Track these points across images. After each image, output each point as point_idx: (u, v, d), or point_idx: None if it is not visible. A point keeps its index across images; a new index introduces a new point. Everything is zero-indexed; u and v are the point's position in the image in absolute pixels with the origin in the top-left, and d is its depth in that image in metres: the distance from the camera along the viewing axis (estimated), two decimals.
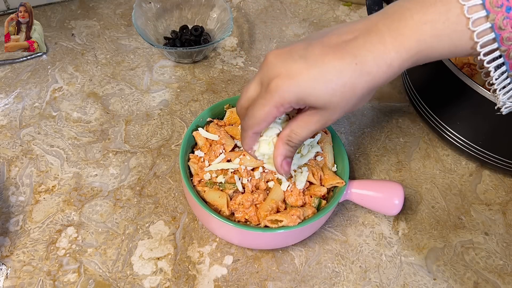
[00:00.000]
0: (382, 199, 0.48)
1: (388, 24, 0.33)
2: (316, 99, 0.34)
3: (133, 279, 0.45)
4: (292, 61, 0.34)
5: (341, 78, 0.33)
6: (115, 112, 0.60)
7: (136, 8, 0.64)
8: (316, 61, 0.33)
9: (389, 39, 0.32)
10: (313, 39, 0.35)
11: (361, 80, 0.33)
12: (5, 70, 0.63)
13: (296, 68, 0.33)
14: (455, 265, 0.49)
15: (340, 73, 0.33)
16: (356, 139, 0.60)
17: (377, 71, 0.33)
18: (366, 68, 0.33)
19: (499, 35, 0.31)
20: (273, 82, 0.34)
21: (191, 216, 0.50)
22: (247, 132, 0.39)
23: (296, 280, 0.46)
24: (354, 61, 0.33)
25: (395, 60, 0.33)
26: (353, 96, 0.34)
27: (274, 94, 0.34)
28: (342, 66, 0.33)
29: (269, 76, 0.35)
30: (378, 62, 0.33)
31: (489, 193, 0.55)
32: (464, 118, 0.53)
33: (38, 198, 0.51)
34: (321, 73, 0.33)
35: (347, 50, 0.33)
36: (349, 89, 0.33)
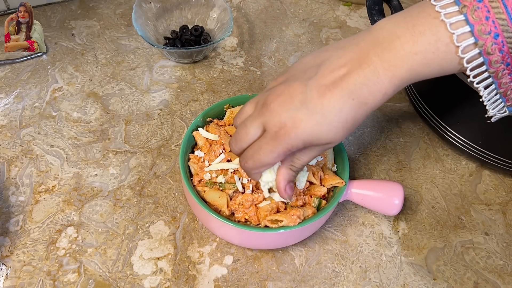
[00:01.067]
0: (382, 199, 0.48)
1: (379, 54, 0.34)
2: (322, 140, 0.36)
3: (133, 279, 0.45)
4: (296, 109, 0.35)
5: (342, 116, 0.35)
6: (115, 112, 0.60)
7: (136, 8, 0.64)
8: (316, 105, 0.35)
9: (382, 70, 0.34)
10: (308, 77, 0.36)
11: (359, 111, 0.35)
12: (5, 70, 0.63)
13: (300, 116, 0.35)
14: (455, 265, 0.49)
15: (340, 112, 0.35)
16: (356, 139, 0.60)
17: (373, 100, 0.35)
18: (363, 100, 0.35)
19: (487, 59, 0.32)
20: (281, 130, 0.36)
21: (191, 216, 0.50)
22: (252, 172, 0.40)
23: (296, 280, 0.46)
24: (351, 97, 0.34)
25: (389, 88, 0.34)
26: (353, 126, 0.36)
27: (282, 142, 0.36)
28: (341, 105, 0.34)
29: (275, 124, 0.36)
30: (373, 93, 0.34)
31: (489, 193, 0.55)
32: (464, 118, 0.53)
33: (38, 198, 0.51)
34: (323, 117, 0.35)
35: (342, 87, 0.34)
36: (350, 123, 0.35)
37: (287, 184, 0.41)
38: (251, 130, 0.38)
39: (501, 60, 0.32)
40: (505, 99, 0.35)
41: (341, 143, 0.49)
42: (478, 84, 0.34)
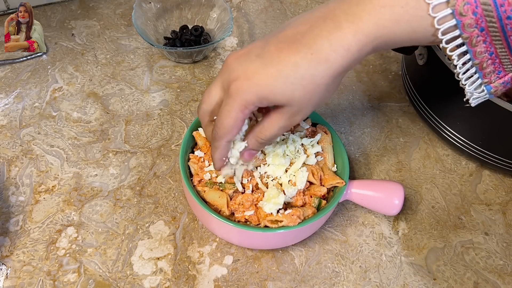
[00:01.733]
0: (382, 199, 0.48)
1: (345, 9, 0.32)
2: (278, 96, 0.34)
3: (133, 279, 0.45)
4: (250, 61, 0.34)
5: (299, 72, 0.32)
6: (115, 112, 0.60)
7: (136, 8, 0.64)
8: (272, 58, 0.33)
9: (346, 23, 0.32)
10: (271, 35, 0.35)
11: (319, 69, 0.32)
12: (5, 70, 0.63)
13: (253, 68, 0.33)
14: (455, 265, 0.49)
15: (296, 66, 0.32)
16: (356, 139, 0.60)
17: (334, 57, 0.32)
18: (322, 56, 0.32)
19: (460, 21, 0.30)
20: (233, 85, 0.34)
21: (191, 216, 0.50)
22: (220, 142, 0.38)
23: (296, 280, 0.46)
24: (310, 51, 0.32)
25: (353, 44, 0.32)
26: (315, 88, 0.33)
27: (236, 97, 0.34)
28: (297, 59, 0.32)
29: (229, 79, 0.35)
30: (335, 47, 0.32)
31: (489, 193, 0.55)
32: (464, 118, 0.53)
33: (38, 198, 0.51)
34: (278, 70, 0.33)
35: (302, 42, 0.32)
36: (309, 81, 0.33)
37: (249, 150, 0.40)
38: (212, 90, 0.37)
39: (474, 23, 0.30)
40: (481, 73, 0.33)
41: (341, 143, 0.49)
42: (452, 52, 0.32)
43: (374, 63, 0.69)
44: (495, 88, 0.34)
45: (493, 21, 0.29)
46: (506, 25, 0.29)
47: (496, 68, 0.32)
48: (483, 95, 0.35)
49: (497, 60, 0.32)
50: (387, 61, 0.70)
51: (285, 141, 0.48)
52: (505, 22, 0.29)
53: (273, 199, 0.43)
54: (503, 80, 0.33)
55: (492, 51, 0.31)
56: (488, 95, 0.34)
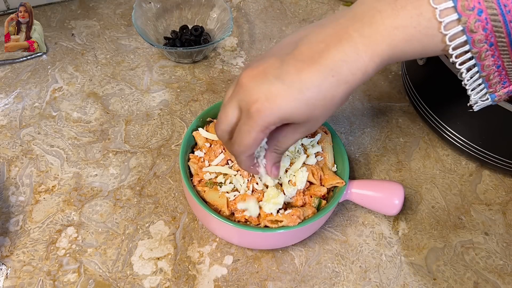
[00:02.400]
0: (382, 199, 0.48)
1: (359, 29, 0.32)
2: (299, 117, 0.34)
3: (133, 279, 0.45)
4: (269, 83, 0.33)
5: (320, 93, 0.33)
6: (115, 112, 0.60)
7: (136, 8, 0.64)
8: (293, 80, 0.33)
9: (362, 46, 0.32)
10: (285, 53, 0.35)
11: (339, 90, 0.33)
12: (5, 70, 0.63)
13: (275, 91, 0.33)
14: (455, 265, 0.49)
15: (319, 88, 0.33)
16: (356, 139, 0.60)
17: (353, 79, 0.33)
18: (342, 78, 0.33)
19: (470, 37, 0.31)
20: (254, 107, 0.34)
21: (191, 216, 0.50)
22: (241, 157, 0.39)
23: (296, 280, 0.46)
24: (331, 73, 0.33)
25: (369, 66, 0.33)
26: (333, 105, 0.35)
27: (258, 120, 0.34)
28: (319, 81, 0.33)
29: (247, 101, 0.34)
30: (353, 70, 0.33)
31: (489, 193, 0.55)
32: (464, 118, 0.53)
33: (38, 198, 0.51)
34: (300, 93, 0.33)
35: (321, 63, 0.33)
36: (329, 101, 0.34)
37: (273, 166, 0.41)
38: (229, 112, 0.37)
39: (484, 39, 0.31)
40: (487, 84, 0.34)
41: (341, 143, 0.49)
42: (461, 66, 0.33)
43: None
44: (498, 97, 0.35)
45: (502, 36, 0.30)
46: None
47: (502, 79, 0.34)
48: (487, 102, 0.36)
49: (503, 72, 0.33)
50: None
51: None
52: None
53: (273, 199, 0.43)
54: (508, 89, 0.34)
55: (500, 64, 0.32)
56: (492, 102, 0.36)
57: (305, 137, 0.49)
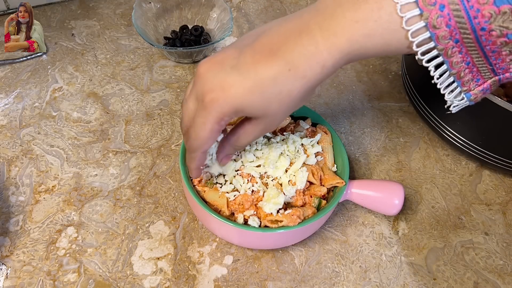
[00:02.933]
0: (382, 199, 0.48)
1: (319, 22, 0.32)
2: (254, 110, 0.34)
3: (133, 279, 0.45)
4: (225, 73, 0.33)
5: (276, 87, 0.33)
6: (115, 112, 0.60)
7: (136, 8, 0.64)
8: (249, 70, 0.32)
9: (321, 39, 0.32)
10: (245, 44, 0.34)
11: (296, 85, 0.33)
12: (5, 70, 0.63)
13: (229, 80, 0.33)
14: (455, 265, 0.49)
15: (274, 81, 0.32)
16: (356, 139, 0.60)
17: (311, 74, 0.32)
18: (299, 72, 0.32)
19: (434, 34, 0.30)
20: (207, 97, 0.33)
21: (191, 216, 0.50)
22: (196, 153, 0.38)
23: (296, 280, 0.46)
24: (287, 67, 0.32)
25: (328, 60, 0.32)
26: (290, 101, 0.34)
27: (211, 110, 0.33)
28: (275, 74, 0.32)
29: (202, 91, 0.34)
30: (311, 64, 0.32)
31: (489, 193, 0.55)
32: (464, 118, 0.53)
33: (38, 198, 0.51)
34: (255, 84, 0.32)
35: (278, 55, 0.32)
36: (285, 95, 0.33)
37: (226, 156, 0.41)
38: (189, 105, 0.36)
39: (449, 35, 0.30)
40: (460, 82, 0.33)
41: (341, 143, 0.49)
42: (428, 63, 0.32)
43: (374, 63, 0.69)
44: (474, 95, 0.34)
45: (467, 32, 0.29)
46: (481, 36, 0.29)
47: (474, 76, 0.33)
48: (463, 102, 0.35)
49: (474, 68, 0.32)
50: (387, 61, 0.70)
51: (285, 141, 0.48)
52: (479, 33, 0.29)
53: (273, 199, 0.43)
54: (482, 87, 0.33)
55: (469, 60, 0.31)
56: (468, 102, 0.35)
57: (305, 137, 0.50)
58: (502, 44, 0.29)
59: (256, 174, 0.45)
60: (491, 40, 0.29)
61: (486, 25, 0.28)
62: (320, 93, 0.64)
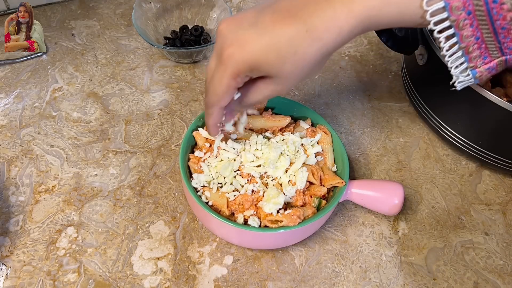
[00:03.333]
0: (382, 199, 0.48)
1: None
2: (268, 67, 0.34)
3: (133, 279, 0.45)
4: (243, 29, 0.34)
5: (292, 47, 0.33)
6: (115, 112, 0.60)
7: (136, 8, 0.64)
8: (267, 28, 0.33)
9: (339, 4, 0.33)
10: (264, 6, 0.35)
11: (312, 47, 0.33)
12: (5, 70, 0.63)
13: (247, 36, 0.34)
14: (455, 265, 0.49)
15: (290, 40, 0.33)
16: (356, 139, 0.60)
17: (327, 37, 0.33)
18: (316, 34, 0.33)
19: (448, 3, 0.31)
20: (225, 52, 0.34)
21: (191, 216, 0.50)
22: (213, 109, 0.39)
23: (296, 280, 0.46)
24: (305, 27, 0.33)
25: (345, 25, 0.33)
26: (305, 64, 0.34)
27: (228, 65, 0.35)
28: (292, 33, 0.33)
29: (222, 47, 0.35)
30: (328, 27, 0.33)
31: (489, 193, 0.55)
32: (464, 118, 0.53)
33: (38, 198, 0.51)
34: (272, 41, 0.33)
35: (297, 17, 0.33)
36: (300, 56, 0.34)
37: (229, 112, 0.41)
38: (211, 62, 0.37)
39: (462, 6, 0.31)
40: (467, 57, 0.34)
41: (341, 143, 0.49)
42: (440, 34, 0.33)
43: (374, 63, 0.69)
44: (480, 73, 0.35)
45: (480, 4, 0.30)
46: (492, 9, 0.30)
47: (482, 53, 0.34)
48: (468, 79, 0.36)
49: (483, 45, 0.33)
50: (387, 61, 0.70)
51: (285, 141, 0.48)
52: (491, 6, 0.30)
53: (273, 199, 0.43)
54: (489, 65, 0.34)
55: (479, 35, 0.32)
56: (474, 79, 0.36)
57: (305, 137, 0.50)
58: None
59: (256, 174, 0.45)
60: (502, 14, 0.30)
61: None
62: (320, 93, 0.64)
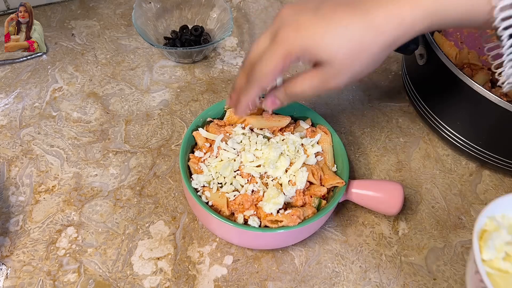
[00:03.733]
0: (382, 199, 0.48)
1: None
2: (322, 51, 0.34)
3: (133, 279, 0.45)
4: (303, 15, 0.34)
5: (347, 33, 0.33)
6: (115, 112, 0.60)
7: (136, 8, 0.64)
8: (326, 14, 0.33)
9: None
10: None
11: (368, 35, 0.33)
12: (5, 70, 0.63)
13: (304, 20, 0.34)
14: (455, 265, 0.49)
15: (346, 28, 0.33)
16: (356, 139, 0.60)
17: (386, 27, 0.32)
18: (375, 23, 0.32)
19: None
20: (281, 32, 0.34)
21: (191, 216, 0.50)
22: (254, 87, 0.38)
23: (296, 280, 0.46)
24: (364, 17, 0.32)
25: (408, 16, 0.32)
26: (360, 53, 0.33)
27: (281, 45, 0.34)
28: (349, 21, 0.33)
29: (279, 27, 0.35)
30: (389, 16, 0.32)
31: (489, 193, 0.55)
32: (464, 118, 0.53)
33: (38, 198, 0.51)
34: (328, 26, 0.33)
35: (358, 7, 0.33)
36: (355, 43, 0.33)
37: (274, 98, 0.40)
38: (261, 40, 0.37)
39: None
40: None
41: (341, 143, 0.49)
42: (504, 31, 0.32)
43: None
44: None
45: None
46: None
47: None
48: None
49: None
50: (387, 61, 0.70)
51: (285, 141, 0.48)
52: None
53: (273, 199, 0.43)
54: None
55: None
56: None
57: (305, 137, 0.50)
58: None
59: (256, 174, 0.45)
60: None
61: None
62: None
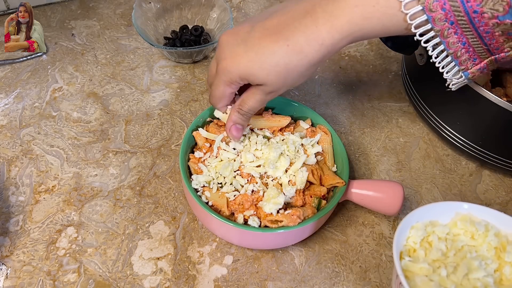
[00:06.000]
0: (382, 199, 0.48)
1: (324, 5, 0.36)
2: (255, 78, 0.39)
3: (133, 279, 0.45)
4: (236, 45, 0.39)
5: (274, 59, 0.37)
6: (115, 112, 0.60)
7: (136, 8, 0.64)
8: (254, 45, 0.38)
9: (322, 20, 0.35)
10: (258, 20, 0.39)
11: (292, 59, 0.37)
12: (5, 70, 0.63)
13: (237, 51, 0.39)
14: None
15: (272, 54, 0.37)
16: (356, 139, 0.60)
17: (308, 50, 0.36)
18: (297, 48, 0.36)
19: (430, 16, 0.33)
20: (220, 64, 0.40)
21: (191, 216, 0.50)
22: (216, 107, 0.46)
23: (296, 280, 0.46)
24: (286, 43, 0.36)
25: (327, 39, 0.36)
26: (288, 74, 0.38)
27: (222, 75, 0.40)
28: (275, 48, 0.37)
29: (219, 58, 0.40)
30: (310, 41, 0.36)
31: (489, 193, 0.55)
32: (464, 118, 0.53)
33: (38, 198, 0.51)
34: (256, 56, 0.37)
35: (281, 33, 0.37)
36: (282, 68, 0.37)
37: (233, 125, 0.44)
38: (211, 66, 0.43)
39: (444, 18, 0.33)
40: (457, 61, 0.36)
41: (341, 143, 0.49)
42: (426, 44, 0.35)
43: (374, 63, 0.69)
44: (472, 74, 0.37)
45: (461, 15, 0.32)
46: (474, 18, 0.32)
47: (471, 56, 0.35)
48: (462, 80, 0.38)
49: (470, 48, 0.35)
50: (387, 61, 0.70)
51: (285, 141, 0.48)
52: (472, 15, 0.32)
53: (273, 199, 0.43)
54: (479, 66, 0.36)
55: (464, 41, 0.34)
56: (467, 80, 0.37)
57: (305, 137, 0.50)
58: (494, 25, 0.32)
59: (256, 174, 0.45)
60: (483, 22, 0.32)
61: (478, 8, 0.31)
62: (320, 93, 0.64)
